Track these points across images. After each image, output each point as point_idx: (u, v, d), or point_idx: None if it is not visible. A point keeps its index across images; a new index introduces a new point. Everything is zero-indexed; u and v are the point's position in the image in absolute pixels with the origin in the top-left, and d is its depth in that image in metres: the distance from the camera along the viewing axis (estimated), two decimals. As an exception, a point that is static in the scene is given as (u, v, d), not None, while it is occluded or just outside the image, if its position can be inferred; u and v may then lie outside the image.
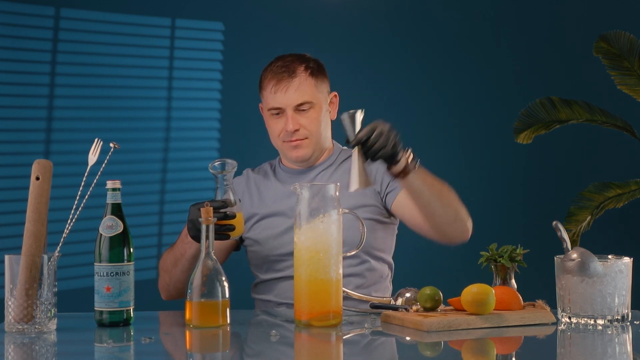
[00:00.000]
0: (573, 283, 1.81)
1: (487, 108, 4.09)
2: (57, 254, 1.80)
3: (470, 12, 4.09)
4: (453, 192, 2.16)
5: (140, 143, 3.92)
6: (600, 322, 1.79)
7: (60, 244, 1.84)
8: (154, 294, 2.52)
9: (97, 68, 3.87)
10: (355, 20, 4.05)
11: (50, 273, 1.78)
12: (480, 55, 4.08)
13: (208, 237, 1.82)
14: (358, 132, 1.88)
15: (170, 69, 3.94)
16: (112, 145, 1.90)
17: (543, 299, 1.92)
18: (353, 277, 2.27)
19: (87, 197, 1.86)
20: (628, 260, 1.83)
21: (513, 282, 1.95)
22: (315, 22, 4.01)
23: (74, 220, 1.86)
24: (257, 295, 2.38)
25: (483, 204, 4.04)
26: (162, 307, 2.42)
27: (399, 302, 1.95)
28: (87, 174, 1.87)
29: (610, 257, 1.85)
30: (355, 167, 1.86)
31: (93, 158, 1.90)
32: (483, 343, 1.71)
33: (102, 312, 1.85)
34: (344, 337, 1.76)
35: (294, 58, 2.34)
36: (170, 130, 3.94)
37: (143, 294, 2.36)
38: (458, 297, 1.85)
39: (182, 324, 1.88)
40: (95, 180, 1.87)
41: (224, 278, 1.81)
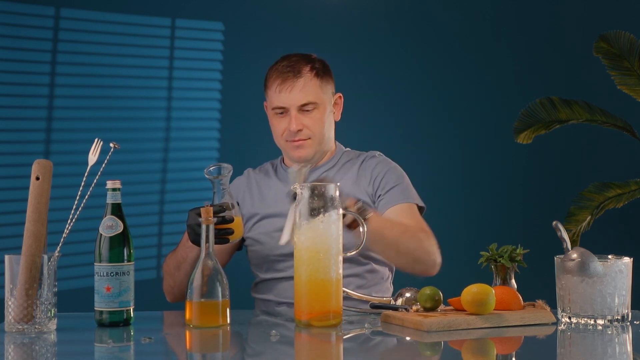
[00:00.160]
0: (573, 283, 1.81)
1: (487, 108, 4.08)
2: (57, 254, 1.80)
3: (470, 12, 4.09)
4: (414, 235, 2.15)
5: (140, 143, 3.92)
6: (600, 322, 1.79)
7: (60, 244, 1.84)
8: (154, 294, 2.52)
9: (97, 68, 3.87)
10: (355, 20, 4.05)
11: (50, 273, 1.78)
12: (480, 55, 4.08)
13: (208, 237, 1.82)
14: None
15: (170, 69, 3.93)
16: (112, 145, 1.90)
17: (543, 299, 1.92)
18: (353, 277, 2.27)
19: (87, 197, 1.86)
20: (628, 260, 1.83)
21: (513, 282, 1.95)
22: (315, 22, 4.01)
23: (74, 220, 1.86)
24: (257, 295, 2.37)
25: (483, 204, 4.04)
26: (162, 307, 2.42)
27: (399, 302, 1.95)
28: (87, 174, 1.87)
29: (610, 257, 1.85)
30: (290, 222, 1.87)
31: (93, 158, 1.90)
32: (483, 343, 1.71)
33: (102, 312, 1.85)
34: (344, 337, 1.76)
35: (300, 58, 2.33)
36: (170, 130, 3.94)
37: (143, 294, 2.36)
38: (458, 297, 1.85)
39: (182, 324, 1.88)
40: (95, 180, 1.87)
41: (224, 278, 1.81)
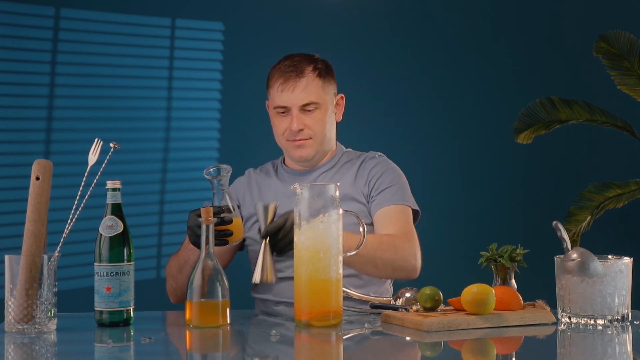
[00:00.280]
0: (573, 283, 1.81)
1: (487, 108, 4.08)
2: (57, 254, 1.80)
3: (470, 12, 4.09)
4: (391, 245, 2.15)
5: (140, 143, 3.92)
6: (600, 322, 1.79)
7: (60, 244, 1.84)
8: (154, 294, 2.52)
9: (97, 68, 3.87)
10: (355, 20, 4.05)
11: (50, 273, 1.78)
12: (480, 55, 4.08)
13: (208, 237, 1.82)
14: (269, 224, 1.88)
15: (170, 69, 3.93)
16: (112, 145, 1.90)
17: (543, 299, 1.92)
18: (353, 277, 2.27)
19: (87, 197, 1.86)
20: (628, 260, 1.83)
21: (513, 282, 1.95)
22: (315, 22, 4.01)
23: (74, 220, 1.86)
24: (256, 295, 2.37)
25: (483, 204, 4.04)
26: (162, 307, 2.42)
27: (399, 302, 1.95)
28: (87, 174, 1.87)
29: (610, 257, 1.85)
30: (261, 259, 1.88)
31: (93, 158, 1.90)
32: (483, 343, 1.71)
33: (102, 312, 1.85)
34: (344, 337, 1.76)
35: (303, 58, 2.33)
36: (170, 130, 3.94)
37: (143, 294, 2.36)
38: (458, 297, 1.85)
39: (182, 324, 1.88)
40: (95, 180, 1.87)
41: (224, 278, 1.81)
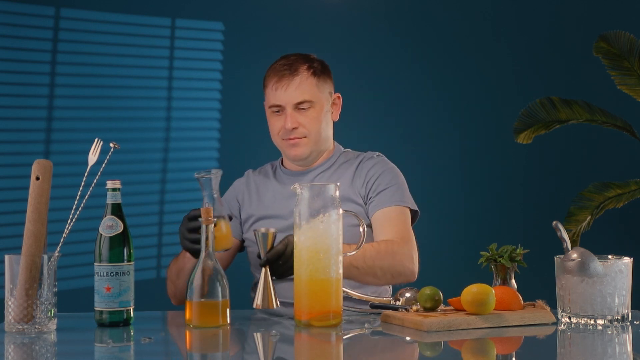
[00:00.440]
0: (573, 283, 1.81)
1: (487, 108, 4.09)
2: (57, 254, 1.80)
3: (470, 12, 4.09)
4: (388, 252, 2.15)
5: (140, 143, 3.92)
6: (600, 322, 1.79)
7: (60, 244, 1.83)
8: (154, 294, 2.52)
9: (97, 68, 3.87)
10: (355, 20, 4.05)
11: (50, 273, 1.78)
12: (480, 55, 4.08)
13: (208, 237, 1.82)
14: (268, 251, 1.88)
15: (170, 69, 3.93)
16: (112, 145, 1.90)
17: (543, 299, 1.92)
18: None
19: (87, 197, 1.86)
20: (628, 260, 1.83)
21: (513, 282, 1.95)
22: (315, 22, 4.01)
23: (74, 220, 1.86)
24: (256, 295, 2.37)
25: (483, 204, 4.04)
26: (162, 307, 2.42)
27: (399, 302, 1.95)
28: (87, 174, 1.87)
29: (610, 257, 1.85)
30: (262, 286, 1.87)
31: (93, 158, 1.90)
32: (483, 343, 1.71)
33: (102, 312, 1.85)
34: (344, 337, 1.76)
35: (298, 57, 2.34)
36: (170, 131, 3.94)
37: (143, 294, 2.36)
38: (458, 297, 1.85)
39: (182, 324, 1.88)
40: (95, 180, 1.87)
41: (224, 278, 1.81)
